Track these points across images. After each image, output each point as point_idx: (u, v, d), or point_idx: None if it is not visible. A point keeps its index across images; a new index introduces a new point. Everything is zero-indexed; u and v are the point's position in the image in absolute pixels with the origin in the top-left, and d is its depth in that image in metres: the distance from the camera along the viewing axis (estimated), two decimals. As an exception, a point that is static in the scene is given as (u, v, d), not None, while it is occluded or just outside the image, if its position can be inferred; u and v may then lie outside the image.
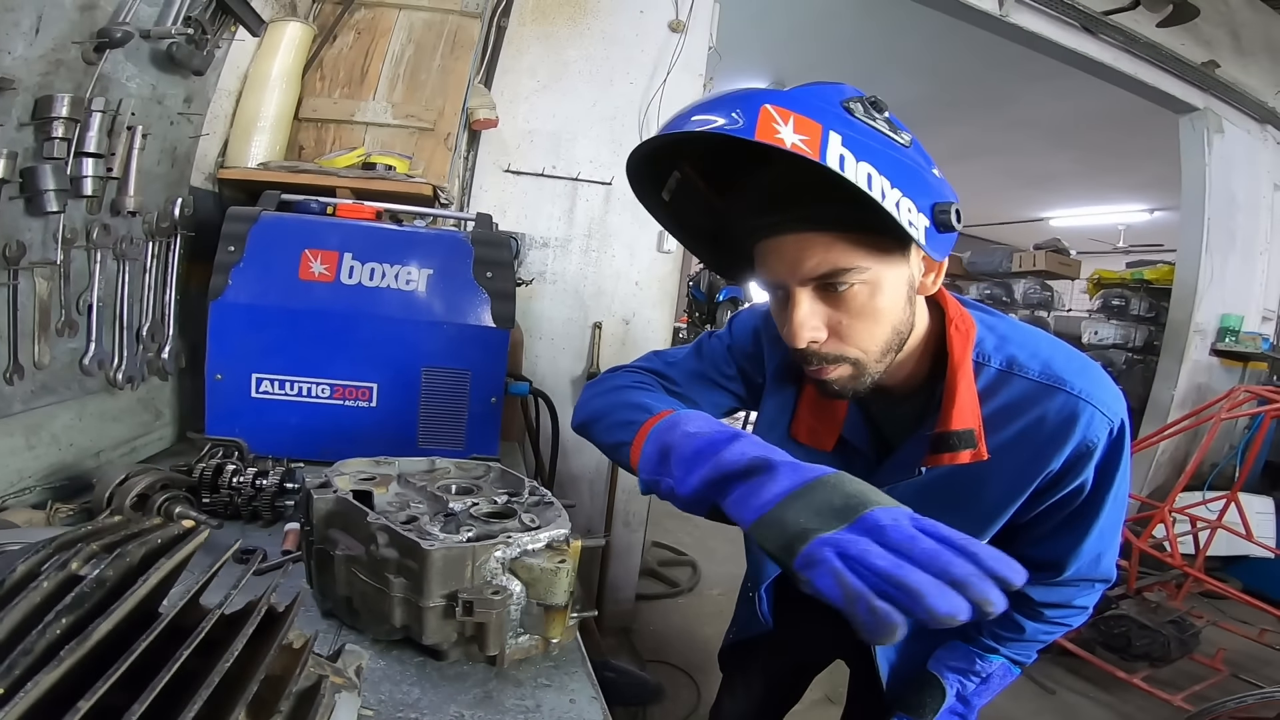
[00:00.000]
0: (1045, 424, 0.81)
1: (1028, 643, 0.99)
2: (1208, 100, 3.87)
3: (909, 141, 0.71)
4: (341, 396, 1.37)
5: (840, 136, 0.62)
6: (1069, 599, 0.95)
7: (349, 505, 0.78)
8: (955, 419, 0.81)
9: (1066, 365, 0.82)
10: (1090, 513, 0.87)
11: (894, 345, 0.79)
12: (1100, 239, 8.84)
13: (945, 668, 1.02)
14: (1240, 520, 3.05)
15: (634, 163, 0.76)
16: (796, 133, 0.61)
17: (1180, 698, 2.38)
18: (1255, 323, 4.15)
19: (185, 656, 0.42)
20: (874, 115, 0.69)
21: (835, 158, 0.61)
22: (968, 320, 0.86)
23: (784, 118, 0.61)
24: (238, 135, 1.67)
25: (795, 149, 0.60)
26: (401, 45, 2.00)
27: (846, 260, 0.72)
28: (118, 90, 1.20)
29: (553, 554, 0.76)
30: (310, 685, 0.48)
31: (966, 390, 0.82)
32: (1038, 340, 0.86)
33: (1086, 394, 0.80)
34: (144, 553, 0.45)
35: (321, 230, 1.36)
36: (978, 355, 0.84)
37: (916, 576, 0.50)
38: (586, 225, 2.50)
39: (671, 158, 0.79)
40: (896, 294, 0.76)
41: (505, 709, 0.74)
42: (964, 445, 0.82)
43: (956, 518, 0.88)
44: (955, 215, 0.69)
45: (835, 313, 0.75)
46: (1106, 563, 0.93)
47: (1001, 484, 0.86)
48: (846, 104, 0.67)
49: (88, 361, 1.23)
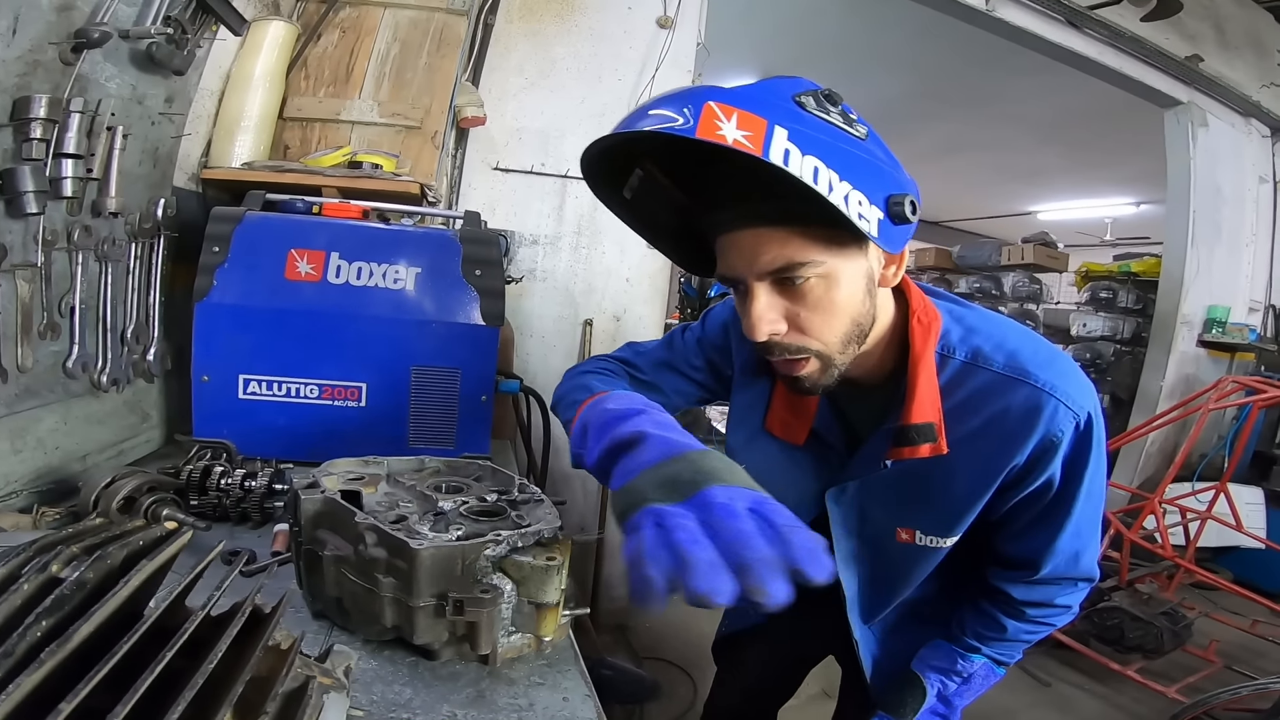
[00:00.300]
0: (1009, 417, 0.80)
1: (1010, 642, 0.98)
2: (1192, 94, 3.90)
3: (865, 134, 0.71)
4: (330, 397, 1.36)
5: (786, 131, 0.62)
6: (1050, 598, 0.94)
7: (336, 505, 0.77)
8: (915, 412, 0.82)
9: (1032, 357, 0.81)
10: (1062, 509, 0.86)
11: (855, 337, 0.79)
12: (1088, 232, 8.89)
13: (928, 667, 1.02)
14: (1230, 511, 3.08)
15: (588, 163, 0.75)
16: (739, 128, 0.61)
17: (1174, 689, 2.40)
18: (1242, 314, 4.19)
19: (169, 658, 0.41)
20: (827, 108, 0.68)
21: (779, 152, 0.61)
22: (931, 312, 0.85)
23: (727, 114, 0.62)
24: (221, 135, 1.66)
25: (737, 145, 0.61)
26: (387, 44, 2.00)
27: (800, 254, 0.72)
28: (97, 91, 1.18)
29: (543, 551, 0.75)
30: (297, 686, 0.47)
31: (927, 383, 0.82)
32: (1005, 332, 0.85)
33: (1050, 386, 0.79)
34: (125, 555, 0.44)
35: (307, 230, 1.35)
36: (942, 347, 0.84)
37: (697, 553, 0.51)
38: (576, 222, 2.50)
39: (632, 156, 0.78)
40: (854, 286, 0.76)
41: (498, 708, 0.73)
42: (923, 439, 0.82)
43: (927, 511, 0.89)
44: (910, 206, 0.69)
45: (793, 305, 0.76)
46: (1086, 561, 0.92)
47: (967, 478, 0.85)
48: (798, 98, 0.67)
49: (71, 364, 1.21)
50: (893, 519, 0.93)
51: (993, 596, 0.97)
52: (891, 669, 1.07)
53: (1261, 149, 4.24)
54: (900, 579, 0.98)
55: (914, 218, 0.70)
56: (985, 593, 0.98)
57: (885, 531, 0.94)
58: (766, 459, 1.01)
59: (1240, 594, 2.63)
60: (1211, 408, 2.92)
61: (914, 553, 0.93)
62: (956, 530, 0.89)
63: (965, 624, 1.00)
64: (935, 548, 0.91)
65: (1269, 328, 4.36)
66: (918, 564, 0.95)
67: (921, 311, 0.85)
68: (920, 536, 0.91)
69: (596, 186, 0.79)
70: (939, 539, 0.91)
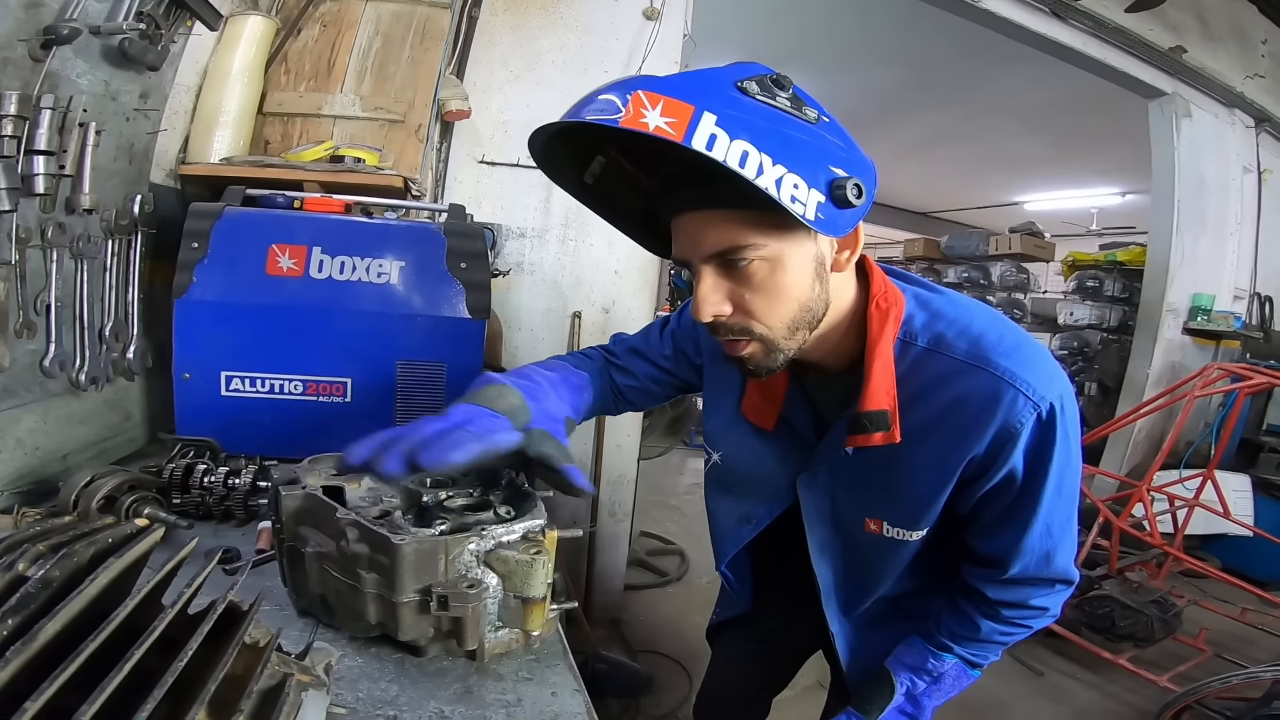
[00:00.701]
0: (967, 405, 0.79)
1: (984, 643, 0.96)
2: (1176, 85, 3.92)
3: (815, 118, 0.70)
4: (315, 392, 1.34)
5: (715, 116, 0.63)
6: (1024, 599, 0.91)
7: (318, 501, 0.76)
8: (869, 399, 0.81)
9: (996, 344, 0.79)
10: (1028, 505, 0.83)
11: (804, 323, 0.78)
12: (1074, 222, 8.94)
13: (901, 665, 1.00)
14: (1217, 498, 3.10)
15: (538, 150, 0.76)
16: (663, 115, 0.62)
17: (1166, 678, 2.42)
18: (1227, 302, 4.23)
19: (138, 656, 0.40)
20: (773, 93, 0.68)
21: (703, 138, 0.62)
22: (892, 297, 0.84)
23: (653, 102, 0.63)
24: (199, 131, 1.63)
25: (658, 131, 0.62)
26: (369, 38, 1.97)
27: (742, 238, 0.72)
28: (68, 87, 1.16)
29: (529, 545, 0.75)
30: (275, 684, 0.46)
31: (881, 370, 0.81)
32: (971, 317, 0.83)
33: (1009, 375, 0.77)
34: (93, 553, 0.43)
35: (288, 224, 1.34)
36: (904, 334, 0.83)
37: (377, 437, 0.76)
38: (564, 215, 2.48)
39: (595, 140, 0.80)
40: (801, 271, 0.76)
41: (486, 704, 0.73)
42: (876, 427, 0.81)
43: (891, 501, 0.90)
44: (854, 190, 0.68)
45: (737, 288, 0.76)
46: (1060, 562, 0.89)
47: (925, 468, 0.84)
48: (741, 83, 0.67)
49: (48, 363, 1.19)
50: (860, 509, 0.93)
51: (969, 595, 0.95)
52: (869, 663, 1.06)
53: (1245, 139, 4.27)
54: (872, 571, 0.98)
55: (858, 201, 0.69)
56: (962, 591, 0.97)
57: (855, 521, 0.94)
58: (741, 444, 1.03)
59: (1229, 582, 2.65)
60: (1198, 395, 2.93)
61: (883, 544, 0.93)
62: (922, 523, 0.88)
63: (941, 622, 0.99)
64: (903, 540, 0.91)
65: (1254, 315, 4.40)
66: (889, 556, 0.94)
67: (881, 296, 0.84)
68: (888, 528, 0.91)
69: (553, 172, 0.80)
70: (905, 531, 0.90)
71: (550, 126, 0.71)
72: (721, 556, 1.16)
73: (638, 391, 1.16)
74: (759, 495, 1.04)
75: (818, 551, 1.00)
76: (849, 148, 0.72)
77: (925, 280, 0.92)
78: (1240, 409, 3.30)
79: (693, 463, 5.66)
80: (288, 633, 0.82)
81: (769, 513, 1.04)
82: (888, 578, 0.97)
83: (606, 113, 0.63)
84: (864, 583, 1.00)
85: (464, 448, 0.74)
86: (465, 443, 0.74)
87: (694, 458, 5.80)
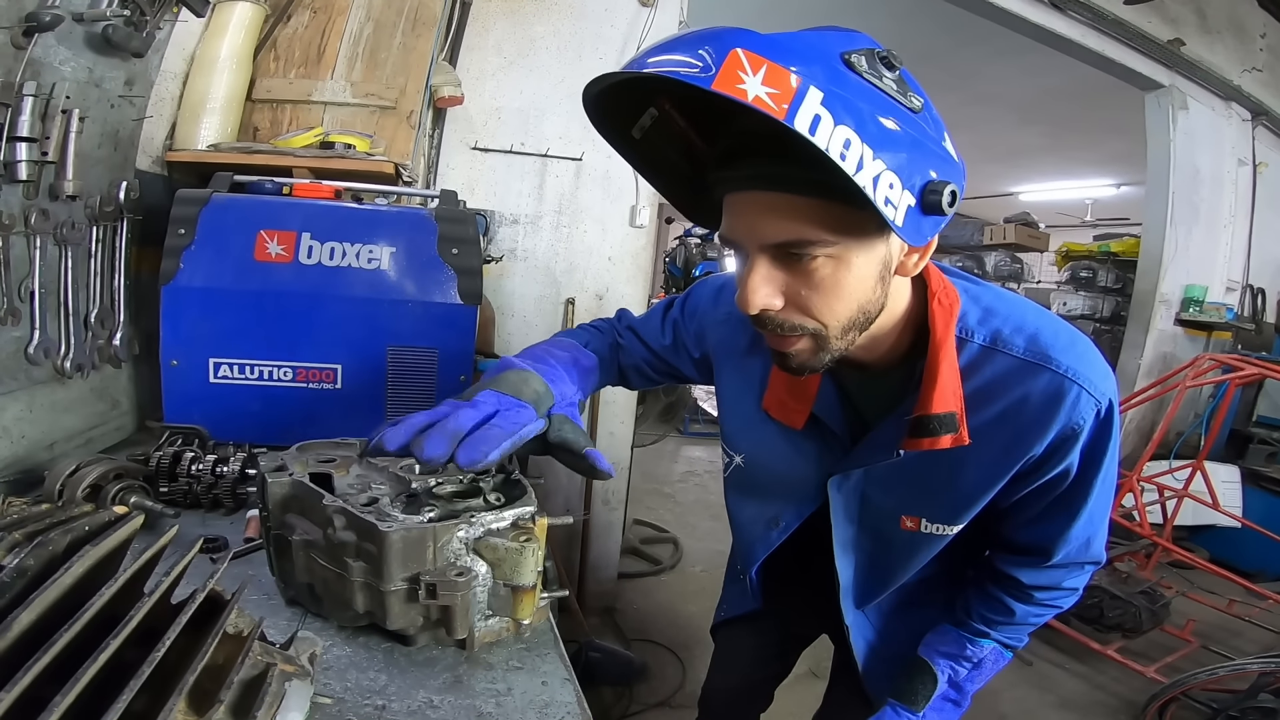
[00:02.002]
0: (1028, 404, 0.76)
1: (1018, 625, 0.97)
2: (1173, 78, 3.91)
3: (920, 107, 0.63)
4: (305, 379, 1.33)
5: (822, 94, 0.55)
6: (1058, 581, 0.93)
7: (305, 489, 0.75)
8: (936, 401, 0.76)
9: (1054, 341, 0.76)
10: (1078, 497, 0.83)
11: (859, 323, 0.72)
12: (1068, 213, 8.95)
13: (936, 653, 1.00)
14: (1206, 489, 3.11)
15: (592, 98, 0.68)
16: (765, 84, 0.54)
17: (1153, 669, 2.43)
18: (1219, 293, 4.24)
19: (115, 646, 0.40)
20: (880, 72, 0.60)
21: (807, 118, 0.54)
22: (951, 294, 0.79)
23: (755, 66, 0.54)
24: (186, 117, 1.61)
25: (758, 103, 0.53)
26: (360, 24, 1.94)
27: (810, 231, 0.65)
28: (51, 74, 1.15)
29: (518, 533, 0.74)
30: (257, 674, 0.45)
31: (949, 370, 0.76)
32: (1024, 312, 0.80)
33: (1073, 372, 0.74)
34: (69, 541, 0.43)
35: (277, 210, 1.32)
36: (960, 330, 0.78)
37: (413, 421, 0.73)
38: (557, 201, 2.47)
39: (648, 92, 0.70)
40: (866, 272, 0.69)
41: (475, 693, 0.72)
42: (945, 430, 0.76)
43: (934, 499, 0.87)
44: (949, 197, 0.61)
45: (794, 282, 0.69)
46: (1096, 546, 0.90)
47: (981, 467, 0.81)
48: (848, 56, 0.59)
49: (33, 350, 1.18)
50: (898, 506, 0.90)
51: (1000, 581, 0.95)
52: (886, 654, 1.06)
53: (1241, 132, 4.27)
54: (899, 565, 0.96)
55: (950, 210, 0.62)
56: (993, 577, 0.96)
57: (889, 518, 0.91)
58: (765, 444, 0.98)
59: (1217, 573, 2.66)
60: (1188, 385, 2.94)
61: (918, 540, 0.90)
62: (963, 519, 0.86)
63: (971, 609, 0.99)
64: (940, 535, 0.89)
65: (1246, 307, 4.41)
66: (920, 551, 0.92)
67: (942, 292, 0.78)
68: (926, 524, 0.88)
69: (600, 121, 0.72)
70: (945, 527, 0.88)
71: (616, 76, 0.62)
72: (750, 562, 1.11)
73: (633, 370, 1.14)
74: (787, 497, 1.00)
75: (841, 549, 0.98)
76: (945, 145, 0.65)
77: (963, 272, 0.88)
78: (1231, 400, 3.31)
79: (687, 451, 5.68)
80: (276, 622, 0.82)
81: (798, 515, 1.00)
82: (912, 569, 0.95)
83: (696, 70, 0.55)
84: (886, 576, 0.98)
85: (499, 446, 0.72)
86: (499, 441, 0.72)
87: (688, 445, 5.83)
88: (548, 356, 0.94)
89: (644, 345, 1.11)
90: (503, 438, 0.72)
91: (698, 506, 4.29)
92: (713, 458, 5.44)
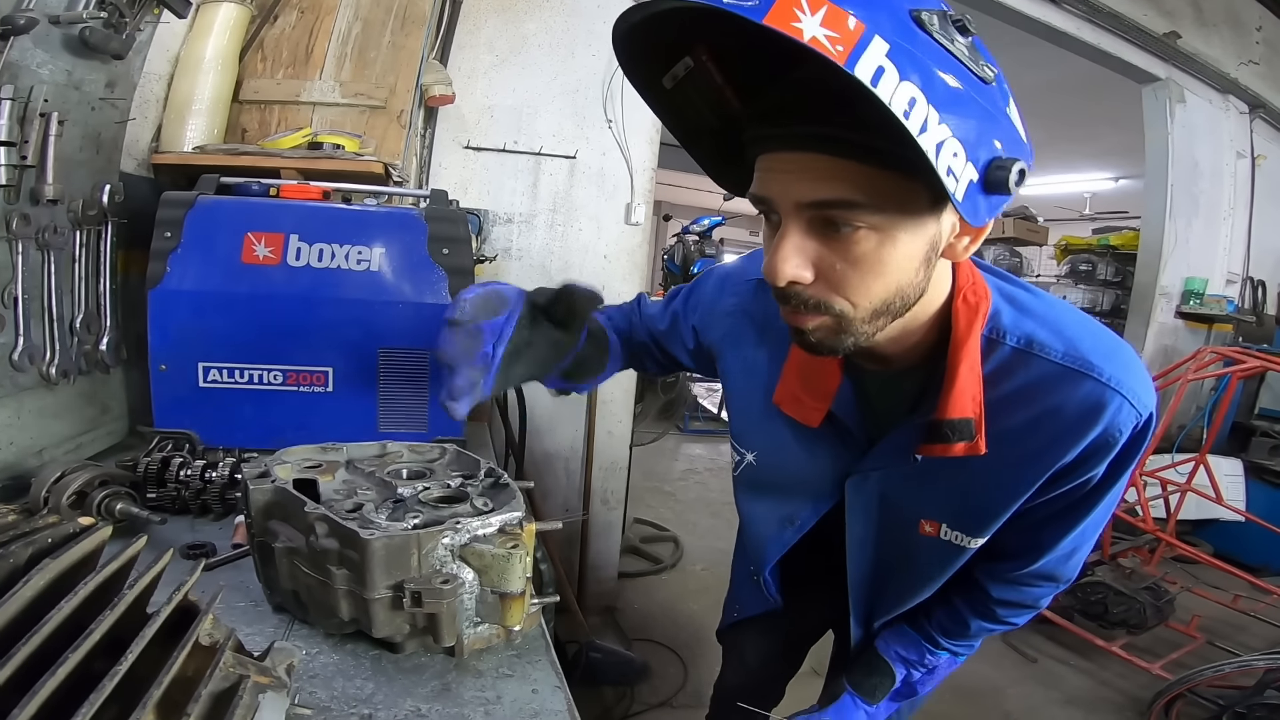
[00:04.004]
0: (1063, 413, 0.71)
1: (971, 639, 0.98)
2: (1170, 71, 3.90)
3: (992, 77, 0.56)
4: (295, 383, 1.31)
5: (888, 45, 0.48)
6: (1024, 598, 0.91)
7: (287, 495, 0.74)
8: (953, 406, 0.71)
9: (1095, 346, 0.71)
10: (1085, 508, 0.79)
11: (892, 309, 0.66)
12: (1067, 206, 8.94)
13: (896, 655, 1.00)
14: (1209, 483, 3.09)
15: (621, 38, 0.60)
16: (825, 26, 0.47)
17: (1158, 666, 2.42)
18: (1220, 285, 4.23)
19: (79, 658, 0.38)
20: (953, 35, 0.54)
21: (869, 67, 0.47)
22: (980, 290, 0.73)
23: (814, 5, 0.48)
24: (171, 119, 1.60)
25: (814, 44, 0.47)
26: (348, 23, 1.93)
27: (856, 193, 0.58)
28: (28, 77, 1.13)
29: (505, 539, 0.72)
30: (228, 686, 0.44)
31: (968, 373, 0.71)
32: (1062, 315, 0.74)
33: (1117, 381, 0.69)
34: (30, 553, 0.41)
35: (264, 212, 1.30)
36: (990, 330, 0.73)
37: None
38: (551, 200, 2.46)
39: (685, 38, 0.62)
40: (911, 250, 0.62)
41: (464, 701, 0.71)
42: (959, 437, 0.72)
43: (957, 505, 0.82)
44: (1018, 175, 0.55)
45: (829, 254, 0.62)
46: (1075, 561, 0.87)
47: (1008, 475, 0.77)
48: (917, 13, 0.52)
49: (17, 356, 1.16)
50: (916, 510, 0.86)
51: (968, 591, 0.93)
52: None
53: (1239, 124, 4.26)
54: (914, 572, 0.92)
55: (1015, 189, 0.56)
56: (961, 585, 0.94)
57: (907, 522, 0.87)
58: (778, 442, 0.94)
59: (1221, 568, 2.64)
60: (1190, 378, 2.92)
61: (936, 547, 0.86)
62: (987, 530, 0.82)
63: (933, 617, 0.98)
64: (960, 545, 0.84)
65: (1246, 299, 4.40)
66: (939, 560, 0.88)
67: (969, 289, 0.73)
68: (946, 530, 0.84)
69: (631, 67, 0.65)
70: (965, 536, 0.83)
71: (655, 5, 0.55)
72: (764, 562, 1.08)
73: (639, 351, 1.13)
74: (803, 495, 0.96)
75: (855, 547, 0.95)
76: (1015, 122, 0.60)
77: (1000, 269, 0.82)
78: (1233, 393, 3.29)
79: (687, 448, 5.67)
80: (262, 629, 0.81)
81: (814, 513, 0.96)
82: (932, 582, 0.91)
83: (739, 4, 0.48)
84: (901, 587, 0.95)
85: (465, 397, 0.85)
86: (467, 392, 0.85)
87: (688, 443, 5.81)
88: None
89: (648, 332, 1.10)
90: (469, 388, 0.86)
91: (698, 504, 4.27)
92: (713, 455, 5.43)
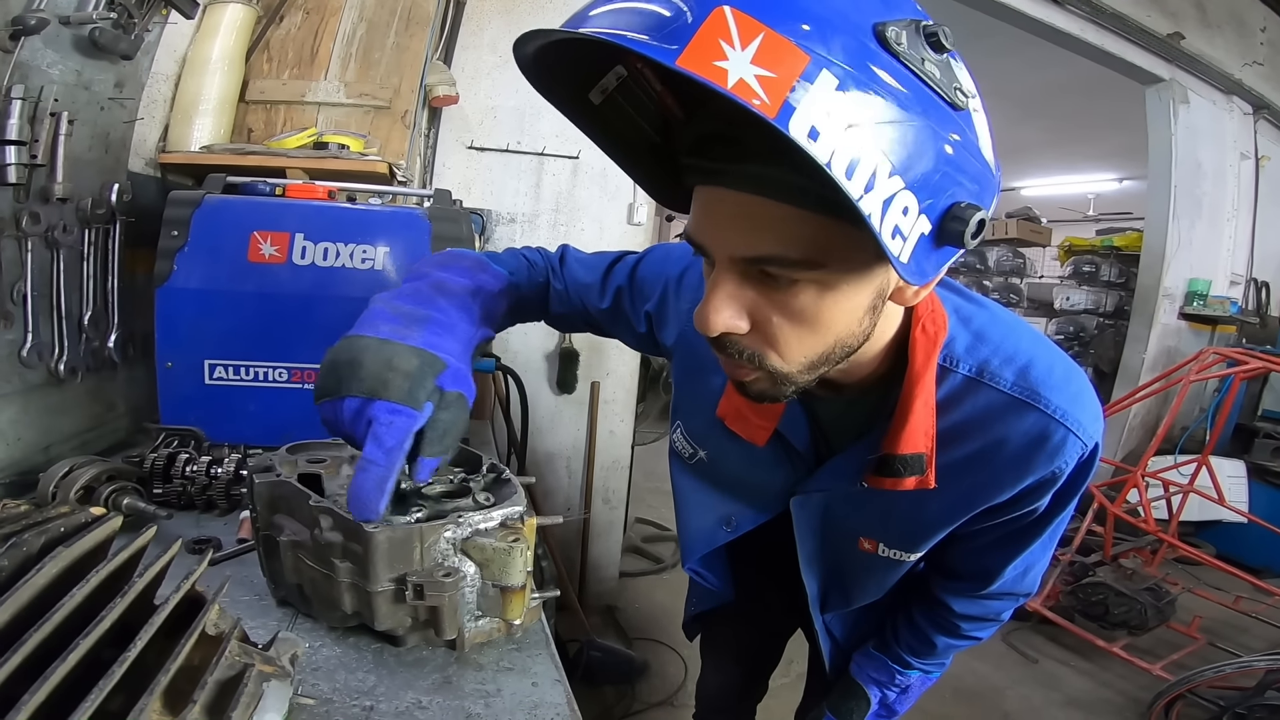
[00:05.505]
0: (1008, 446, 0.69)
1: (939, 657, 0.99)
2: (1173, 72, 3.89)
3: (965, 104, 0.49)
4: (300, 380, 1.33)
5: (836, 80, 0.41)
6: (987, 613, 0.92)
7: (291, 488, 0.75)
8: (905, 441, 0.68)
9: (1046, 377, 0.68)
10: (1034, 532, 0.79)
11: (831, 359, 0.61)
12: (1071, 208, 8.91)
13: (868, 678, 1.03)
14: (1212, 484, 3.08)
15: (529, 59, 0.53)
16: (758, 63, 0.39)
17: (1159, 667, 2.41)
18: (1223, 287, 4.23)
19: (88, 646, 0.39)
20: (921, 54, 0.46)
21: (806, 121, 0.40)
22: (939, 319, 0.69)
23: (747, 34, 0.40)
24: (179, 119, 1.62)
25: (740, 92, 0.39)
26: (353, 24, 1.94)
27: (793, 249, 0.51)
28: (39, 77, 1.15)
29: (507, 533, 0.73)
30: (234, 674, 0.45)
31: (923, 408, 0.68)
32: (1018, 341, 0.70)
33: (1063, 414, 0.67)
34: (43, 542, 0.42)
35: (270, 211, 1.32)
36: (944, 359, 0.69)
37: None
38: (554, 200, 2.47)
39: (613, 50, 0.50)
40: (855, 302, 0.57)
41: (465, 694, 0.72)
42: (910, 471, 0.69)
43: (893, 527, 0.84)
44: (975, 227, 0.48)
45: (765, 306, 0.56)
46: (1033, 576, 0.87)
47: (947, 503, 0.76)
48: (882, 28, 0.44)
49: (26, 353, 1.18)
50: (857, 528, 0.86)
51: (931, 608, 0.95)
52: (851, 650, 1.08)
53: (1243, 126, 4.25)
54: (860, 584, 0.93)
55: (972, 242, 0.49)
56: (923, 601, 0.95)
57: (848, 537, 0.87)
58: (725, 450, 0.91)
59: (1223, 569, 2.63)
60: (1193, 379, 2.92)
61: (877, 563, 0.87)
62: (922, 547, 0.83)
63: (899, 636, 0.99)
64: (899, 560, 0.85)
65: (1250, 300, 4.39)
66: (878, 573, 0.89)
67: (928, 318, 0.68)
68: (884, 549, 0.84)
69: (546, 83, 0.56)
70: (903, 553, 0.84)
71: (547, 34, 0.49)
72: (689, 554, 1.06)
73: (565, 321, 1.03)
74: (745, 500, 0.95)
75: (806, 562, 0.94)
76: (985, 152, 0.52)
77: (959, 285, 0.79)
78: (1235, 394, 3.29)
79: (689, 451, 5.65)
80: (266, 622, 0.82)
81: (753, 522, 0.95)
82: (875, 591, 0.93)
83: (654, 32, 0.41)
84: (850, 593, 0.96)
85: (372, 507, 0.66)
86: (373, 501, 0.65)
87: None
88: (436, 297, 0.77)
89: (581, 302, 0.97)
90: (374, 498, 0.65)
91: (700, 505, 4.26)
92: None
